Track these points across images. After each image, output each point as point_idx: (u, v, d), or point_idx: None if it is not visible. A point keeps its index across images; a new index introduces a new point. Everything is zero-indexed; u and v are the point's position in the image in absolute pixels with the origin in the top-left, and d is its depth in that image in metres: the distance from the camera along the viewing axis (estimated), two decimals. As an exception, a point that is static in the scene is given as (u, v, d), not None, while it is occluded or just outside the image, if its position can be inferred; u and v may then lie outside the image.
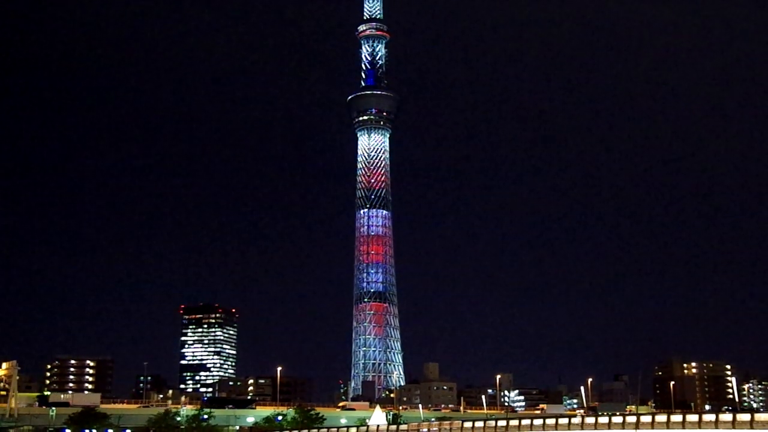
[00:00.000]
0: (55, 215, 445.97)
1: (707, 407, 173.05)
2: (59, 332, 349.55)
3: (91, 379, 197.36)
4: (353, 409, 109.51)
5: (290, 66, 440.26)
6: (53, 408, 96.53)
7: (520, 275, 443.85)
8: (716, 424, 52.09)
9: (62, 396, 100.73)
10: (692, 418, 55.65)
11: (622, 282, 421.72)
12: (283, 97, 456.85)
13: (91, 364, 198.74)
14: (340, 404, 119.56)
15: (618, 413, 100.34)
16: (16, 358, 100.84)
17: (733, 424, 51.74)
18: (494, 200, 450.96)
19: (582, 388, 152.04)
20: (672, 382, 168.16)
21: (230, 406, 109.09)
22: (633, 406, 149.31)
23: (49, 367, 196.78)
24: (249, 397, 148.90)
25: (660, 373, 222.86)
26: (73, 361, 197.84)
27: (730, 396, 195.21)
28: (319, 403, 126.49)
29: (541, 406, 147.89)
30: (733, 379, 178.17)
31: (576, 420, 66.66)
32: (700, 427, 53.68)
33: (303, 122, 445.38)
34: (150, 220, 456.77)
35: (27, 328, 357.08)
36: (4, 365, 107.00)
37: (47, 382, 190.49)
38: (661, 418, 58.90)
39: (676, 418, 57.08)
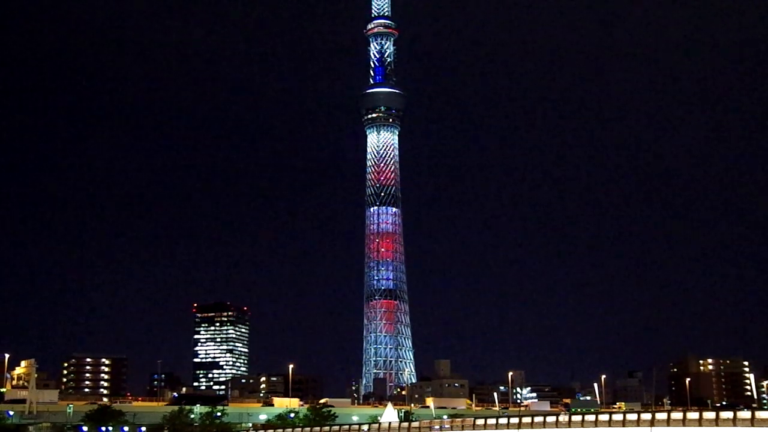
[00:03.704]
0: (70, 216, 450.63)
1: (724, 404, 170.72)
2: (76, 331, 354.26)
3: (106, 377, 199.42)
4: (332, 407, 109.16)
5: (298, 64, 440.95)
6: (71, 405, 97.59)
7: (532, 271, 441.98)
8: (734, 422, 51.23)
9: (20, 393, 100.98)
10: (709, 415, 54.86)
11: (637, 277, 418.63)
12: (292, 95, 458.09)
13: (107, 362, 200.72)
14: (322, 401, 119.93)
15: (592, 410, 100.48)
16: (34, 356, 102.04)
17: (752, 422, 50.82)
18: (505, 196, 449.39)
19: (595, 385, 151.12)
20: (688, 379, 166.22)
21: (201, 403, 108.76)
22: (622, 403, 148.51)
23: (66, 365, 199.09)
24: (220, 394, 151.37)
25: (675, 369, 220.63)
26: (89, 360, 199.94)
27: (749, 393, 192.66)
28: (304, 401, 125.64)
29: (526, 403, 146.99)
30: (751, 376, 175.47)
31: (590, 417, 66.10)
32: (717, 425, 52.87)
33: (312, 120, 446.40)
34: (162, 219, 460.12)
35: (45, 328, 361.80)
36: (23, 363, 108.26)
37: (64, 380, 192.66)
38: (677, 415, 58.20)
39: (693, 415, 56.31)
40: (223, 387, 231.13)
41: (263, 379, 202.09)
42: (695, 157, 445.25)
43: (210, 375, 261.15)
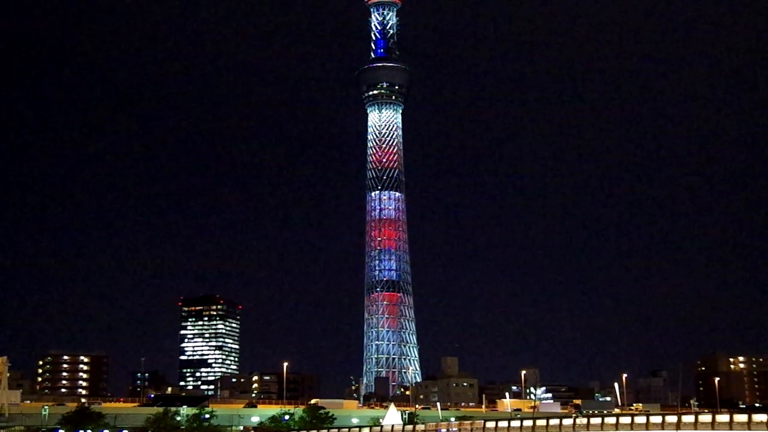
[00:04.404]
0: (46, 205, 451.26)
1: (757, 406, 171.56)
2: (52, 326, 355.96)
3: (85, 376, 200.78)
4: (322, 408, 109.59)
5: (294, 37, 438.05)
6: (46, 406, 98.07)
7: (545, 261, 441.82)
8: (769, 425, 50.92)
9: None
10: (741, 418, 54.69)
11: (661, 268, 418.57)
12: (287, 71, 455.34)
13: (85, 360, 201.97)
14: (312, 401, 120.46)
15: (605, 412, 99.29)
16: (6, 354, 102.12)
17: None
18: (517, 180, 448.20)
19: (616, 384, 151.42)
20: (717, 378, 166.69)
21: (179, 403, 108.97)
22: (639, 405, 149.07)
23: (41, 363, 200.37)
24: (201, 395, 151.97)
25: (703, 368, 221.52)
26: (66, 357, 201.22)
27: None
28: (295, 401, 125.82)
29: (535, 403, 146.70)
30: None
31: (611, 420, 66.08)
32: (749, 429, 52.69)
33: (308, 98, 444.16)
34: (146, 205, 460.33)
35: (17, 323, 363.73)
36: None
37: (39, 379, 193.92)
38: (706, 418, 58.04)
39: (723, 418, 56.15)
40: (212, 387, 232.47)
41: (255, 378, 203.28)
42: (721, 146, 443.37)
43: (198, 374, 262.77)
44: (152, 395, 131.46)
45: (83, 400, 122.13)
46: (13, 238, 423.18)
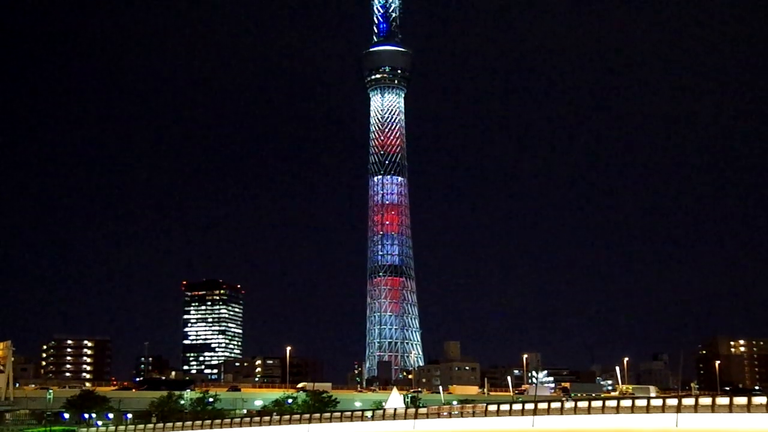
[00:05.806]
0: (49, 189, 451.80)
1: (756, 389, 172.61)
2: (56, 311, 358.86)
3: (89, 360, 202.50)
4: (327, 392, 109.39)
5: (294, 20, 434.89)
6: (51, 390, 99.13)
7: (548, 245, 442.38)
8: (768, 407, 51.12)
9: None
10: (740, 400, 54.88)
11: (662, 252, 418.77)
12: (287, 54, 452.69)
13: (89, 344, 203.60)
14: (300, 385, 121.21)
15: (595, 394, 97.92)
16: (10, 338, 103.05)
17: (787, 408, 50.68)
18: (520, 164, 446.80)
19: (617, 368, 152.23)
20: (717, 362, 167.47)
21: (163, 387, 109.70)
22: (629, 386, 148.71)
23: (45, 347, 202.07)
24: (187, 379, 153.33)
25: (704, 351, 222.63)
26: (70, 342, 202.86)
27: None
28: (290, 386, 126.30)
29: (524, 386, 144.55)
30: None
31: (612, 403, 66.41)
32: (749, 412, 52.88)
33: (309, 82, 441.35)
34: (149, 190, 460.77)
35: (22, 307, 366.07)
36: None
37: (43, 363, 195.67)
38: (706, 400, 58.24)
39: (723, 400, 56.30)
40: (215, 370, 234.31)
41: (258, 362, 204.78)
42: (718, 135, 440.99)
43: (201, 358, 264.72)
44: (138, 380, 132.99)
45: (88, 384, 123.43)
46: (17, 223, 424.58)
